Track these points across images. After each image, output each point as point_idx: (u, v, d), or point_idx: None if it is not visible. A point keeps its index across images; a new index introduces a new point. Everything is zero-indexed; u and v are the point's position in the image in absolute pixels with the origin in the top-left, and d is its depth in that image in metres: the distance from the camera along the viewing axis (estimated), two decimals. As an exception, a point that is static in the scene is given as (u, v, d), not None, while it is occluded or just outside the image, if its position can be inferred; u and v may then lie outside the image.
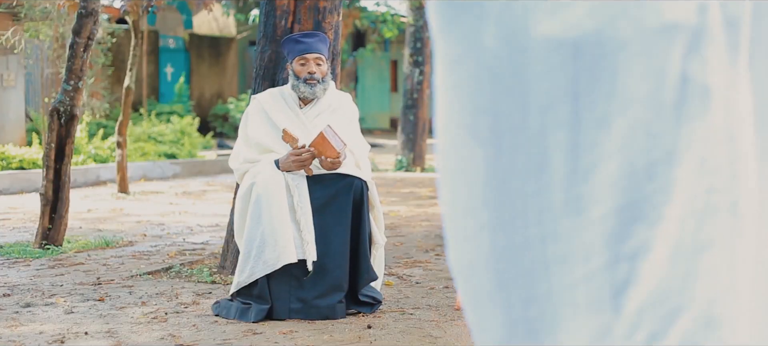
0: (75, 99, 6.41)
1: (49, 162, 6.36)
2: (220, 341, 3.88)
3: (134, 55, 10.18)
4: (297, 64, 4.47)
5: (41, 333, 4.02)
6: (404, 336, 3.93)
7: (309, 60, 4.45)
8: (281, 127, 4.44)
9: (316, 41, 4.50)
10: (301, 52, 4.45)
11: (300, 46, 4.46)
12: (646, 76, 1.22)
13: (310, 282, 4.28)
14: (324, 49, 4.54)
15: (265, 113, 4.52)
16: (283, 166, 4.34)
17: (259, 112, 4.54)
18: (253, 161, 4.45)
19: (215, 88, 23.35)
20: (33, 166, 11.35)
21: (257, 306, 4.26)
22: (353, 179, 4.35)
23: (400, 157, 14.29)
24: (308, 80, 4.46)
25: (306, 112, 4.53)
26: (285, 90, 4.61)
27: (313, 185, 4.34)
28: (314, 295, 4.28)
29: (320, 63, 4.49)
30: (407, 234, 7.24)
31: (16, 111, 13.49)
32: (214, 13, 23.78)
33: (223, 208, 9.17)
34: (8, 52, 12.73)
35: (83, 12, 6.35)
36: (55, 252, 6.20)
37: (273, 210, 4.21)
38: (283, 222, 4.20)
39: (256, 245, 4.23)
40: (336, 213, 4.31)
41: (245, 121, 4.57)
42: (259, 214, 4.23)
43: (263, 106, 4.54)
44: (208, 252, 6.31)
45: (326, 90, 4.54)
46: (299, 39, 4.49)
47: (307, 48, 4.45)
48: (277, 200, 4.23)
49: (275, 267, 4.21)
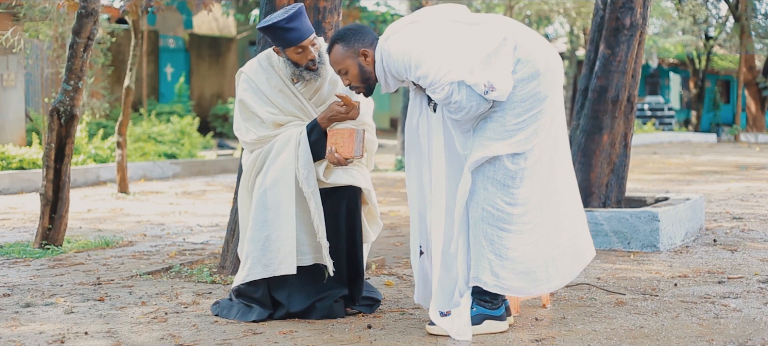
0: (75, 99, 6.41)
1: (49, 162, 6.36)
2: (220, 341, 3.88)
3: (134, 55, 10.17)
4: (294, 53, 4.22)
5: (41, 333, 4.02)
6: (404, 336, 3.93)
7: (306, 46, 4.21)
8: (282, 106, 4.31)
9: (303, 21, 4.20)
10: (296, 40, 4.19)
11: (292, 35, 4.17)
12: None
13: (310, 286, 4.28)
14: (310, 25, 4.25)
15: (262, 93, 4.33)
16: (325, 119, 4.21)
17: (255, 92, 4.34)
18: (269, 138, 4.28)
19: (215, 88, 23.34)
20: (33, 166, 11.35)
21: (257, 308, 4.27)
22: (348, 188, 4.32)
23: (400, 157, 14.29)
24: (310, 67, 4.27)
25: (300, 87, 4.35)
26: (273, 59, 4.36)
27: None
28: (315, 298, 4.28)
29: (314, 42, 4.24)
30: (407, 234, 7.24)
31: (16, 111, 13.48)
32: (214, 13, 23.77)
33: (223, 208, 9.17)
34: (8, 52, 12.73)
35: (83, 12, 6.35)
36: (55, 252, 6.20)
37: (281, 215, 4.19)
38: (289, 228, 4.18)
39: (259, 246, 4.22)
40: (331, 216, 4.30)
41: (242, 100, 4.34)
42: (265, 217, 4.20)
43: (258, 85, 4.33)
44: (208, 252, 6.31)
45: (325, 65, 4.33)
46: (287, 26, 4.15)
47: (300, 35, 4.18)
48: (285, 203, 4.20)
49: (274, 274, 4.20)
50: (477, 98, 3.81)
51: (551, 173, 3.99)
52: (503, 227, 3.88)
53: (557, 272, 4.00)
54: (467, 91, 3.80)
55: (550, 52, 3.98)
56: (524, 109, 3.87)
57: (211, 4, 10.68)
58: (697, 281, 5.09)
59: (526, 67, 3.87)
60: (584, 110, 6.83)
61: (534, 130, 3.90)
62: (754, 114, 28.21)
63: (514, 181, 3.88)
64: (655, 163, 15.48)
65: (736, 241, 6.53)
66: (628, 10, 6.69)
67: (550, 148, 3.97)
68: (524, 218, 3.91)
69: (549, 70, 3.92)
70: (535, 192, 3.93)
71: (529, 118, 3.88)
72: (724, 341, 3.77)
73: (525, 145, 3.88)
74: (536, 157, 3.92)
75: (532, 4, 22.88)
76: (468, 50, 3.84)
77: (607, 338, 3.83)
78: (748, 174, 12.95)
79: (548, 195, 3.98)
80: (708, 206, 8.65)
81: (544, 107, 3.91)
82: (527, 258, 3.92)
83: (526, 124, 3.88)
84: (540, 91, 3.88)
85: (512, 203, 3.89)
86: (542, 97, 3.89)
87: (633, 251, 6.11)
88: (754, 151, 19.81)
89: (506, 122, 3.87)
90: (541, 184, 3.95)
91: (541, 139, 3.92)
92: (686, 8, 26.61)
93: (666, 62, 31.80)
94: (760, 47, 28.27)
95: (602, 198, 6.73)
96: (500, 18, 3.99)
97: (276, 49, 4.30)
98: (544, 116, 3.92)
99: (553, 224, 3.98)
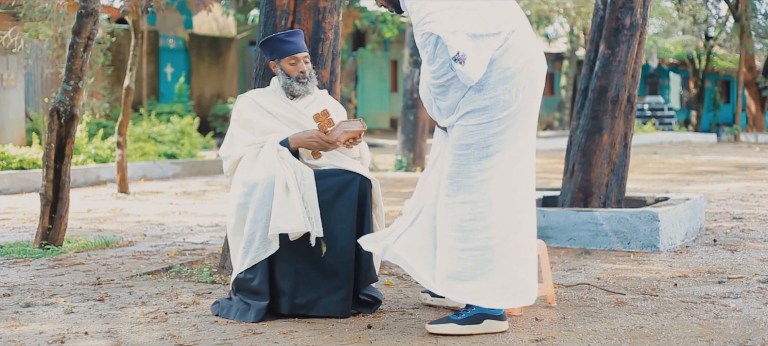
0: (75, 99, 6.41)
1: (49, 162, 6.36)
2: (220, 341, 3.88)
3: (134, 55, 10.17)
4: (287, 64, 4.64)
5: (41, 333, 4.02)
6: (404, 336, 3.93)
7: (299, 59, 4.64)
8: (280, 115, 4.58)
9: (300, 39, 4.68)
10: (292, 52, 4.62)
11: (289, 46, 4.63)
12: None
13: (316, 279, 4.28)
14: (306, 47, 4.74)
15: (260, 106, 4.64)
16: (300, 141, 4.45)
17: (252, 104, 4.65)
18: (256, 144, 4.52)
19: (215, 88, 23.34)
20: (33, 166, 11.35)
21: (256, 304, 4.25)
22: (358, 176, 4.37)
23: (400, 157, 14.29)
24: (300, 79, 4.64)
25: (297, 102, 4.68)
26: (272, 88, 4.74)
27: (318, 180, 4.34)
28: (320, 292, 4.28)
29: (307, 61, 4.69)
30: (407, 234, 7.25)
31: (16, 111, 13.48)
32: (214, 14, 23.78)
33: (223, 208, 9.17)
34: (8, 52, 12.73)
35: (83, 12, 6.35)
36: (55, 252, 6.20)
37: (279, 191, 4.22)
38: (293, 197, 4.21)
39: (261, 225, 4.23)
40: (341, 210, 4.32)
41: (238, 114, 4.65)
42: (264, 202, 4.23)
43: (256, 100, 4.67)
44: (208, 252, 6.31)
45: (314, 84, 4.74)
46: (285, 39, 4.63)
47: (297, 48, 4.63)
48: (282, 182, 4.25)
49: (287, 230, 4.15)
50: (446, 58, 3.84)
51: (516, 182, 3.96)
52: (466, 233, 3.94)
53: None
54: (442, 47, 3.86)
55: (540, 62, 3.98)
56: (487, 116, 3.87)
57: (211, 4, 10.68)
58: (697, 281, 5.10)
59: (513, 70, 3.88)
60: (584, 110, 6.83)
61: (503, 137, 3.90)
62: (754, 114, 28.22)
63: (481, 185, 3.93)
64: (655, 163, 15.48)
65: (736, 241, 6.53)
66: (628, 10, 6.69)
67: (515, 159, 3.95)
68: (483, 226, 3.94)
69: (535, 81, 3.94)
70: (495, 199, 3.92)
71: (487, 124, 3.88)
72: (724, 341, 3.77)
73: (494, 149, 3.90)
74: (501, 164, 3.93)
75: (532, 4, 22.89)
76: (467, 19, 3.86)
77: (607, 338, 3.83)
78: (748, 174, 12.95)
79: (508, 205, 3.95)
80: (708, 206, 8.65)
81: (517, 117, 3.90)
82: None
83: (484, 133, 3.89)
84: (516, 100, 3.88)
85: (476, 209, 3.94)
86: (517, 107, 3.89)
87: (633, 251, 6.11)
88: (754, 151, 19.81)
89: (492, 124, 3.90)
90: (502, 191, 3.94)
91: (507, 149, 3.91)
92: (686, 8, 26.62)
93: (666, 62, 31.82)
94: (760, 47, 28.28)
95: (602, 198, 6.73)
96: (515, 12, 3.98)
97: (272, 63, 4.68)
98: (514, 126, 3.91)
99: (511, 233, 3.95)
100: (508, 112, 3.89)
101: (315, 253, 4.28)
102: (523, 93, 3.91)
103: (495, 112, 3.88)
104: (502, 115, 3.88)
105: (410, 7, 4.01)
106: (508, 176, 3.92)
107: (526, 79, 3.91)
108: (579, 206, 6.69)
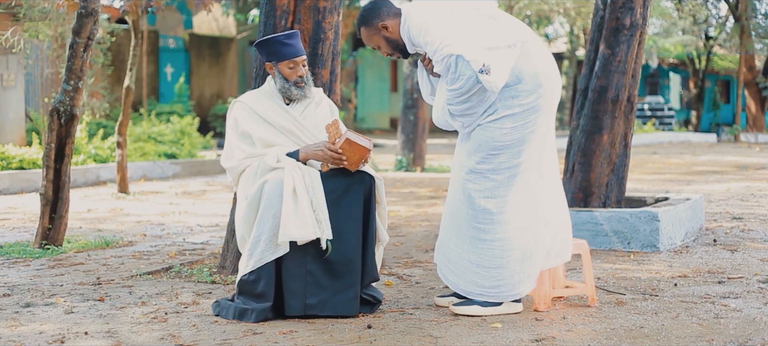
0: (75, 99, 6.41)
1: (49, 162, 6.36)
2: (220, 341, 3.88)
3: (134, 55, 10.17)
4: (286, 67, 4.52)
5: (41, 333, 4.02)
6: (404, 336, 3.93)
7: (298, 63, 4.53)
8: (278, 124, 4.49)
9: (299, 41, 4.57)
10: (291, 55, 4.51)
11: (288, 50, 4.50)
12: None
13: (326, 279, 4.27)
14: (304, 50, 4.67)
15: (255, 113, 4.54)
16: (309, 154, 4.39)
17: (248, 112, 4.55)
18: (257, 155, 4.45)
19: (215, 88, 23.34)
20: (33, 166, 11.34)
21: (258, 306, 4.23)
22: (365, 174, 4.38)
23: (400, 157, 14.29)
24: (298, 83, 4.54)
25: (293, 108, 4.59)
26: (266, 90, 4.63)
27: (325, 179, 4.34)
28: (331, 291, 4.27)
29: (305, 64, 4.60)
30: (407, 234, 7.24)
31: (16, 111, 13.48)
32: (214, 13, 23.77)
33: (223, 208, 9.17)
34: (8, 52, 12.73)
35: (83, 12, 6.35)
36: (55, 252, 6.20)
37: (287, 196, 4.20)
38: (302, 202, 4.20)
39: (268, 227, 4.21)
40: (348, 208, 4.32)
41: (235, 123, 4.56)
42: (271, 204, 4.21)
43: (251, 106, 4.57)
44: (208, 252, 6.31)
45: (311, 88, 4.65)
46: (284, 41, 4.51)
47: (296, 51, 4.51)
48: (290, 186, 4.23)
49: (297, 238, 4.16)
50: (471, 73, 4.12)
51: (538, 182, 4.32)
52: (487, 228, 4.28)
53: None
54: (464, 64, 4.12)
55: (553, 68, 4.31)
56: (522, 119, 4.22)
57: (211, 4, 10.69)
58: (697, 281, 5.10)
59: (530, 80, 4.22)
60: (584, 110, 6.83)
61: (526, 142, 4.26)
62: (754, 114, 28.21)
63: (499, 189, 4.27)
64: (655, 163, 15.48)
65: (736, 241, 6.53)
66: (628, 10, 6.69)
67: (537, 160, 4.31)
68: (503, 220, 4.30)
69: (550, 87, 4.26)
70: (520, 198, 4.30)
71: (522, 126, 4.23)
72: (724, 341, 3.77)
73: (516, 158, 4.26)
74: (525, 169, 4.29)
75: (532, 4, 22.88)
76: (478, 35, 4.16)
77: (607, 338, 3.83)
78: (748, 174, 12.95)
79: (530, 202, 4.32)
80: (708, 206, 8.65)
81: (539, 120, 4.25)
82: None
83: (519, 133, 4.24)
84: (538, 104, 4.23)
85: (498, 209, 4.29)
86: (538, 110, 4.24)
87: (633, 251, 6.11)
88: (754, 151, 19.81)
89: (504, 128, 4.23)
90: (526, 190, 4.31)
91: (532, 152, 4.27)
92: (686, 8, 26.61)
93: (666, 62, 31.80)
94: (760, 47, 28.26)
95: (602, 198, 6.73)
96: (518, 24, 4.30)
97: (269, 66, 4.58)
98: (538, 129, 4.27)
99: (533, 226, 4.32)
100: (537, 115, 4.24)
101: (323, 252, 4.28)
102: (547, 96, 4.27)
103: (527, 116, 4.22)
104: (531, 117, 4.23)
105: (422, 42, 4.26)
106: (533, 169, 4.28)
107: (550, 83, 4.27)
108: (579, 206, 6.69)
